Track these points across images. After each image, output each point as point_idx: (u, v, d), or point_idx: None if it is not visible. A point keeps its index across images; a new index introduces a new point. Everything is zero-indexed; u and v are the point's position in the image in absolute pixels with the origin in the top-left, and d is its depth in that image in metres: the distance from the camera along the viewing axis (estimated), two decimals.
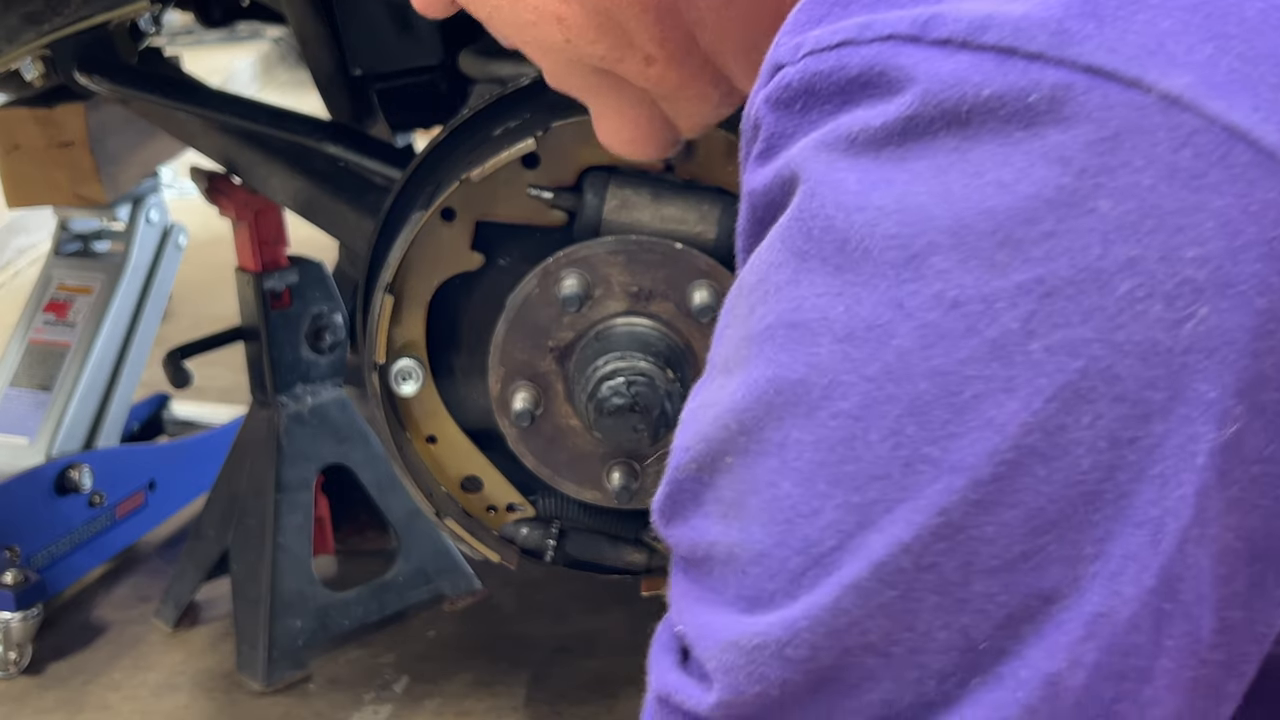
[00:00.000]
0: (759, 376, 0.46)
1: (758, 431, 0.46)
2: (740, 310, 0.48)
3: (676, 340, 1.23)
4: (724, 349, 0.49)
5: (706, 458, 0.48)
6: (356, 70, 1.70)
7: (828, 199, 0.44)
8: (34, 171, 2.08)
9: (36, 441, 2.17)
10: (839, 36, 0.45)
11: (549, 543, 1.35)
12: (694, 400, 0.51)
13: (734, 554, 0.47)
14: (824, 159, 0.44)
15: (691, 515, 0.49)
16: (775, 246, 0.46)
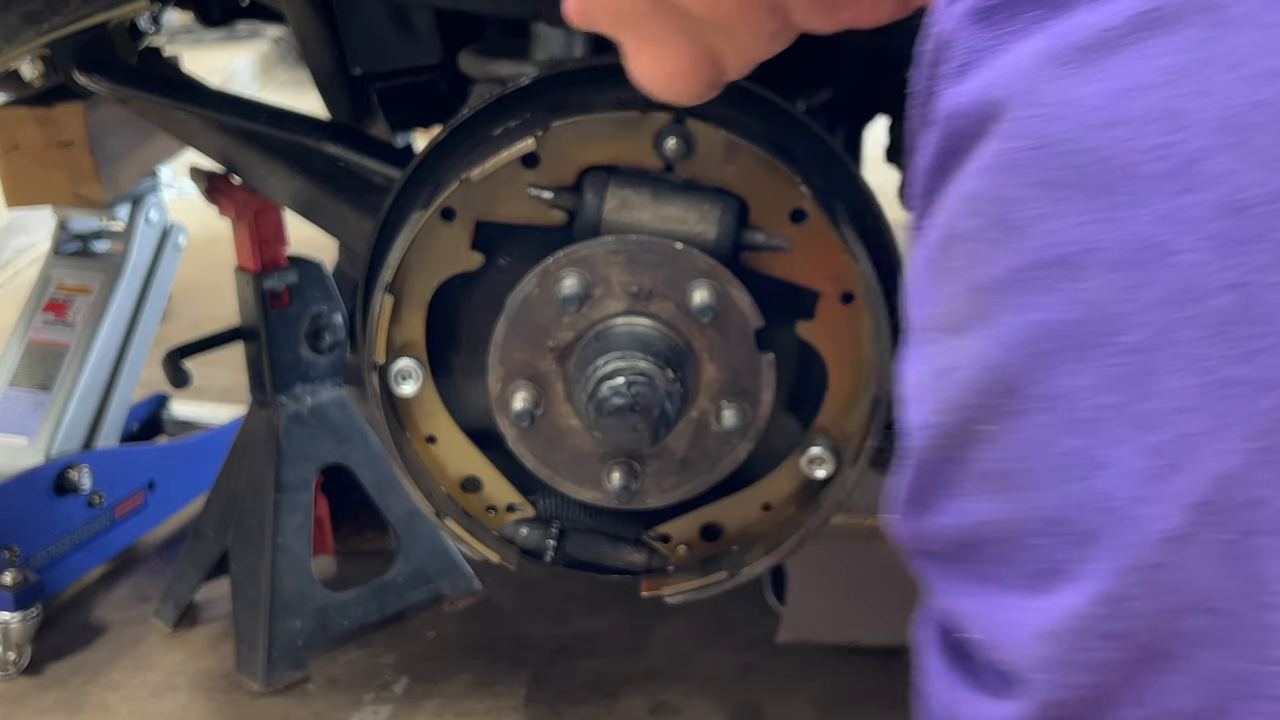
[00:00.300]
0: (1014, 326, 0.41)
1: (1024, 388, 0.41)
2: (959, 259, 0.43)
3: (676, 340, 1.22)
4: (941, 306, 0.44)
5: (956, 431, 0.43)
6: (356, 70, 1.70)
7: (1069, 119, 0.40)
8: (33, 171, 2.08)
9: (36, 441, 2.17)
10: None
11: (549, 543, 1.35)
12: (916, 372, 0.45)
13: (1012, 530, 0.42)
14: (1050, 74, 0.40)
15: (944, 500, 0.45)
16: (1003, 182, 0.41)
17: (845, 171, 1.29)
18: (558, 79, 1.27)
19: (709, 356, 1.24)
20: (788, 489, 1.33)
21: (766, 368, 1.24)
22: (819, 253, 1.24)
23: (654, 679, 1.94)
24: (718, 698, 1.90)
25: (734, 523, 1.35)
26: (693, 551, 1.36)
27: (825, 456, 1.28)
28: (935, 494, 0.45)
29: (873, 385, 1.26)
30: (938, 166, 0.45)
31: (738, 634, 2.03)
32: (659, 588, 1.35)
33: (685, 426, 1.26)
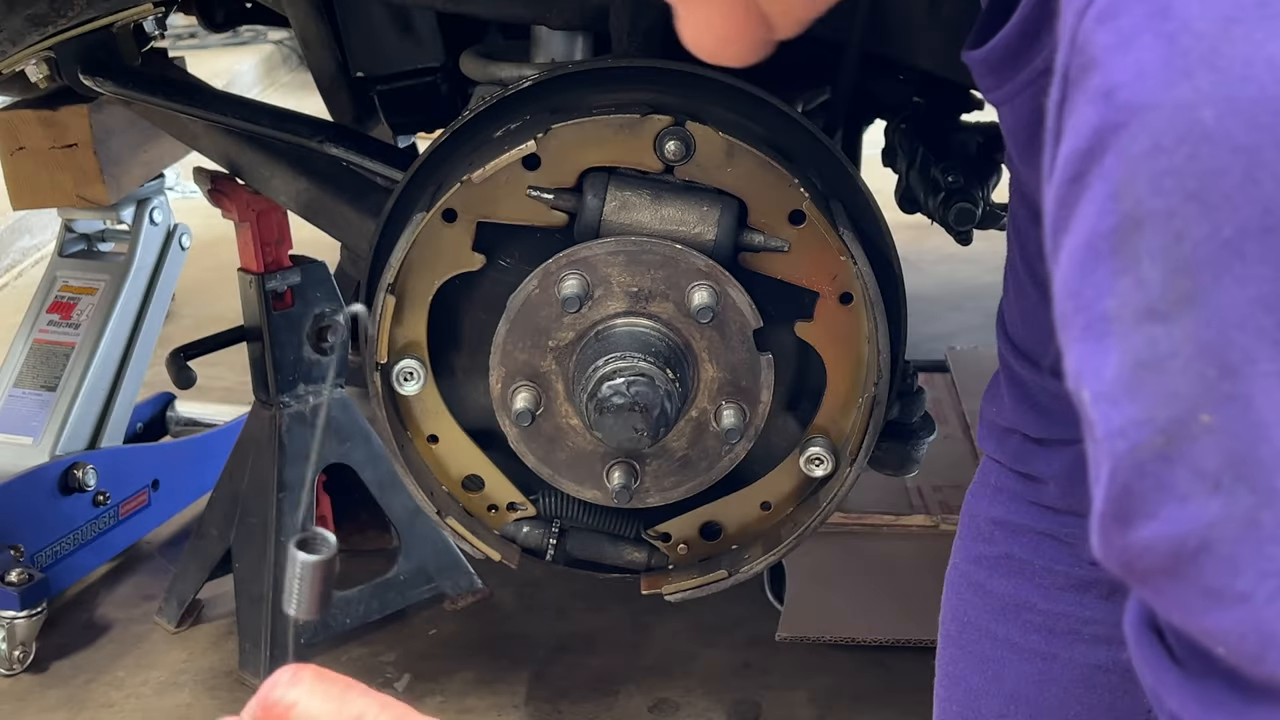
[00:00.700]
0: (1227, 304, 0.38)
1: (1247, 367, 0.38)
2: (1151, 242, 0.39)
3: (676, 340, 1.24)
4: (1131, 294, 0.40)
5: (1176, 424, 0.39)
6: (358, 72, 1.71)
7: (1263, 77, 0.37)
8: (38, 173, 2.09)
9: (41, 441, 2.18)
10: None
11: (549, 541, 1.36)
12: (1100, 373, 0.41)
13: (1254, 523, 0.38)
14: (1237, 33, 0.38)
15: (1161, 507, 0.40)
16: (1194, 153, 0.38)
17: (843, 173, 1.30)
18: (558, 81, 1.28)
19: (708, 357, 1.25)
20: (786, 488, 1.35)
21: (765, 368, 1.25)
22: (817, 253, 1.25)
23: (654, 676, 1.95)
24: (717, 695, 1.91)
25: (733, 521, 1.36)
26: (692, 550, 1.37)
27: (824, 455, 1.29)
28: (1149, 500, 0.41)
29: (870, 385, 1.27)
30: (1093, 147, 0.41)
31: (737, 632, 2.04)
32: (659, 586, 1.36)
33: (685, 426, 1.27)
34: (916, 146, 1.90)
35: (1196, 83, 0.38)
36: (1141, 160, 0.39)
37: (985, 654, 0.99)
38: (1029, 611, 0.97)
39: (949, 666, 1.02)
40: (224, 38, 5.91)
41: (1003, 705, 0.98)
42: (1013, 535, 0.99)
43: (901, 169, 2.04)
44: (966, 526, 1.04)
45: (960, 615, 1.02)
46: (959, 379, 2.69)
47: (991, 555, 1.01)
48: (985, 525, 1.01)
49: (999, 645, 0.98)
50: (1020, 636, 0.97)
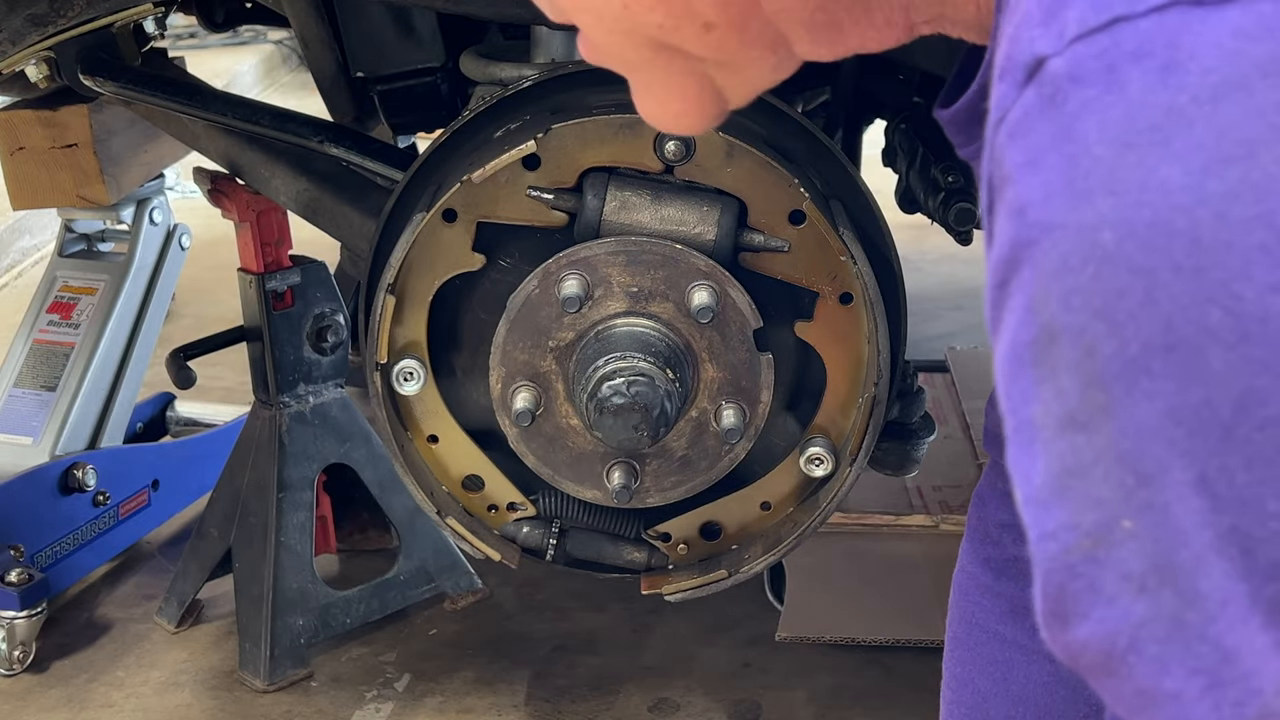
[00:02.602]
0: (1140, 416, 0.40)
1: (1162, 476, 0.39)
2: (1066, 356, 0.41)
3: (676, 341, 1.24)
4: (1053, 403, 0.42)
5: (1099, 529, 0.41)
6: (358, 72, 1.71)
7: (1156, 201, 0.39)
8: (38, 173, 2.09)
9: (41, 441, 2.18)
10: (1108, 13, 0.40)
11: (549, 541, 1.36)
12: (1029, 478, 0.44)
13: (1179, 623, 0.40)
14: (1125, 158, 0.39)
15: (1093, 608, 0.42)
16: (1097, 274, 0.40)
17: (843, 173, 1.30)
18: (558, 81, 1.29)
19: (708, 357, 1.25)
20: (786, 487, 1.35)
21: (765, 368, 1.25)
22: (817, 253, 1.25)
23: (654, 676, 1.95)
24: (717, 694, 1.91)
25: (733, 521, 1.36)
26: (692, 550, 1.37)
27: (824, 455, 1.29)
28: (1082, 600, 0.42)
29: (870, 384, 1.27)
30: (1012, 258, 0.43)
31: (737, 631, 2.04)
32: (659, 585, 1.36)
33: (685, 426, 1.27)
34: (916, 146, 1.90)
35: (1097, 205, 0.40)
36: (1052, 277, 0.41)
37: (993, 656, 0.99)
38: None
39: (956, 669, 1.02)
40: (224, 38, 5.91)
41: (1010, 707, 0.98)
42: (1022, 539, 0.99)
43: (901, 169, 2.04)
44: (974, 529, 1.04)
45: (968, 617, 1.02)
46: (959, 379, 2.69)
47: (1000, 558, 1.01)
48: (994, 529, 1.01)
49: (1007, 647, 0.98)
50: (1028, 639, 0.97)
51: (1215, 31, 0.39)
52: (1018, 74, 0.43)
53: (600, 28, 0.61)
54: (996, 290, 0.44)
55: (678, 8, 0.58)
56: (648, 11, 0.58)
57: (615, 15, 0.59)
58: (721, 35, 0.59)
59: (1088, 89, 0.41)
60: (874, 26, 0.60)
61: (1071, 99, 0.41)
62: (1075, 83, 0.41)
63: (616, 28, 0.60)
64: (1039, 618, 0.45)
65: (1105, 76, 0.40)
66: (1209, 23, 0.39)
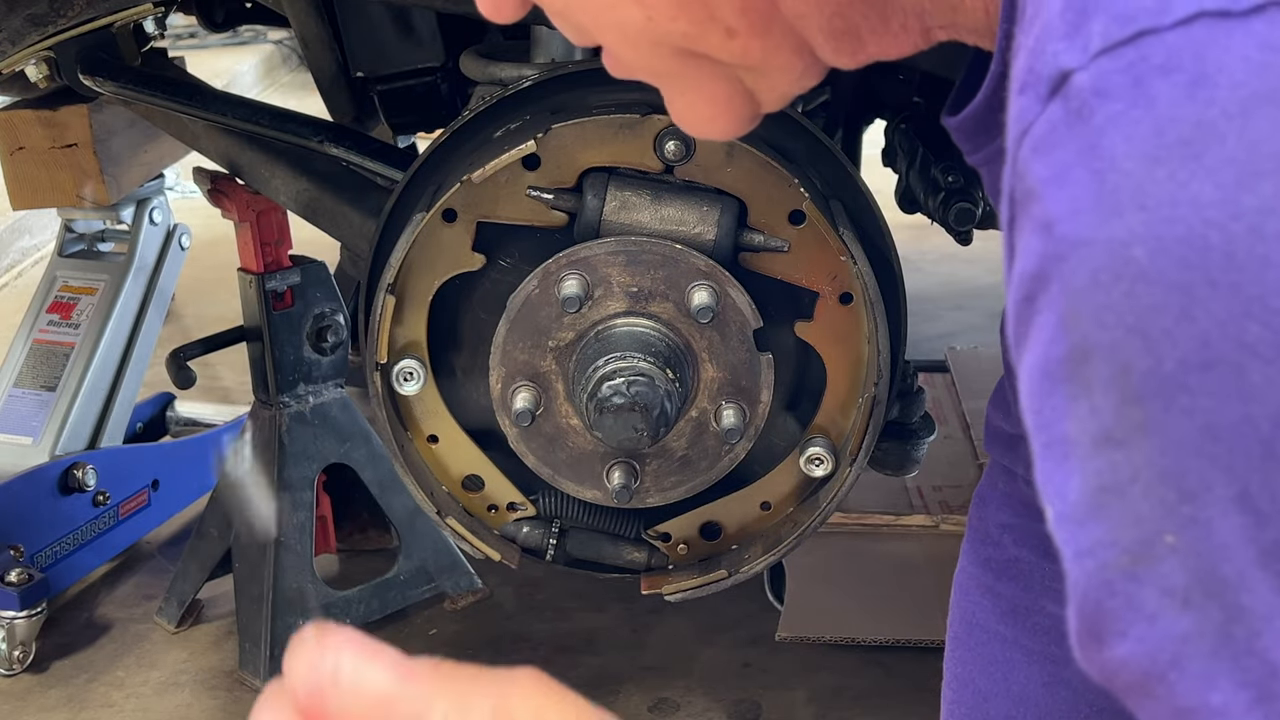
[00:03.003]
0: (1179, 434, 0.40)
1: (1205, 493, 0.39)
2: (1101, 372, 0.41)
3: (676, 341, 1.24)
4: (1087, 420, 0.42)
5: (1141, 546, 0.41)
6: (358, 72, 1.71)
7: (1189, 217, 0.39)
8: (38, 173, 2.09)
9: (40, 441, 2.18)
10: (1132, 25, 0.40)
11: (549, 541, 1.36)
12: (1064, 495, 0.43)
13: (1226, 636, 0.40)
14: (1161, 173, 0.39)
15: (1133, 625, 0.42)
16: (1132, 290, 0.40)
17: (843, 173, 1.30)
18: (558, 81, 1.29)
19: (708, 357, 1.25)
20: (786, 487, 1.35)
21: (765, 368, 1.25)
22: (817, 253, 1.25)
23: (654, 676, 1.95)
24: (717, 694, 1.91)
25: (733, 521, 1.36)
26: (692, 550, 1.37)
27: (824, 455, 1.29)
28: (1120, 618, 0.42)
29: (870, 384, 1.27)
30: (1040, 273, 0.43)
31: (737, 631, 2.04)
32: (659, 585, 1.36)
33: (685, 426, 1.27)
34: (916, 146, 1.90)
35: (1127, 221, 0.40)
36: (1083, 293, 0.41)
37: (994, 656, 0.99)
38: (1038, 615, 0.97)
39: (957, 669, 1.02)
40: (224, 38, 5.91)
41: (1011, 707, 0.98)
42: (1022, 540, 0.99)
43: (901, 169, 2.04)
44: (975, 530, 1.04)
45: (969, 617, 1.02)
46: (959, 379, 2.69)
47: (1000, 559, 1.01)
48: (994, 530, 1.01)
49: (1008, 647, 0.98)
50: (1029, 639, 0.97)
51: (1242, 44, 0.39)
52: (1041, 87, 0.43)
53: (626, 44, 0.61)
54: (1022, 304, 0.44)
55: (700, 15, 0.58)
56: (670, 21, 0.58)
57: (640, 29, 0.59)
58: (744, 41, 0.59)
59: (1114, 103, 0.41)
60: (890, 33, 0.60)
61: (1098, 113, 0.41)
62: (1101, 97, 0.41)
63: (642, 41, 0.60)
64: (1073, 637, 0.44)
65: (1132, 90, 0.40)
66: (1235, 35, 0.39)
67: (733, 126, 0.65)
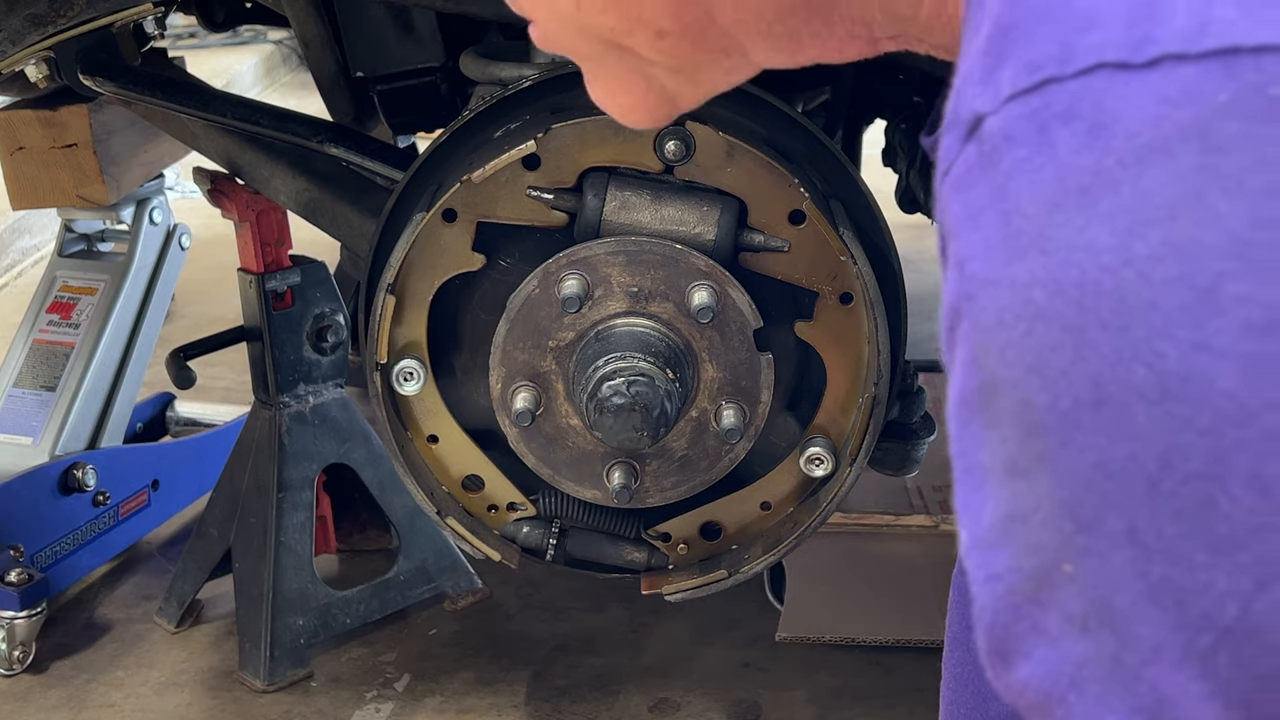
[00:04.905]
0: (1074, 467, 0.41)
1: (1097, 526, 0.41)
2: (1005, 406, 0.43)
3: (676, 340, 1.24)
4: (998, 449, 0.44)
5: (1039, 572, 0.43)
6: (358, 72, 1.71)
7: (1085, 262, 0.40)
8: (38, 173, 2.09)
9: (40, 441, 2.18)
10: (1039, 74, 0.42)
11: (549, 541, 1.36)
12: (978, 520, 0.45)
13: (1119, 662, 0.41)
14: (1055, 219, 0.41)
15: (1035, 647, 0.44)
16: (1031, 330, 0.42)
17: (843, 173, 1.30)
18: (558, 81, 1.29)
19: (708, 357, 1.25)
20: (787, 487, 1.35)
21: (765, 367, 1.25)
22: (817, 253, 1.25)
23: (654, 676, 1.95)
24: (717, 694, 1.91)
25: (733, 521, 1.36)
26: (692, 550, 1.37)
27: (824, 455, 1.29)
28: (1024, 639, 0.44)
29: (870, 384, 1.27)
30: (956, 308, 0.45)
31: (737, 631, 2.04)
32: (659, 586, 1.36)
33: (685, 426, 1.27)
34: (916, 146, 1.90)
35: (1029, 264, 0.42)
36: (990, 331, 0.43)
37: None
38: None
39: (956, 669, 1.02)
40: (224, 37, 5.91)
41: (1011, 708, 0.98)
42: None
43: (901, 169, 2.04)
44: None
45: (968, 617, 1.02)
46: None
47: None
48: None
49: None
50: None
51: (1139, 95, 0.40)
52: (960, 129, 0.45)
53: (553, 24, 0.61)
54: (947, 335, 0.47)
55: (630, 14, 0.58)
56: (599, 14, 0.58)
57: (569, 15, 0.59)
58: (674, 42, 0.59)
59: (1020, 149, 0.42)
60: (835, 39, 0.60)
61: (1006, 158, 0.43)
62: (1009, 141, 0.42)
63: (570, 26, 0.60)
64: (983, 658, 0.46)
65: (1036, 137, 0.42)
66: (1133, 86, 0.40)
67: (646, 119, 0.66)
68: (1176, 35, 0.40)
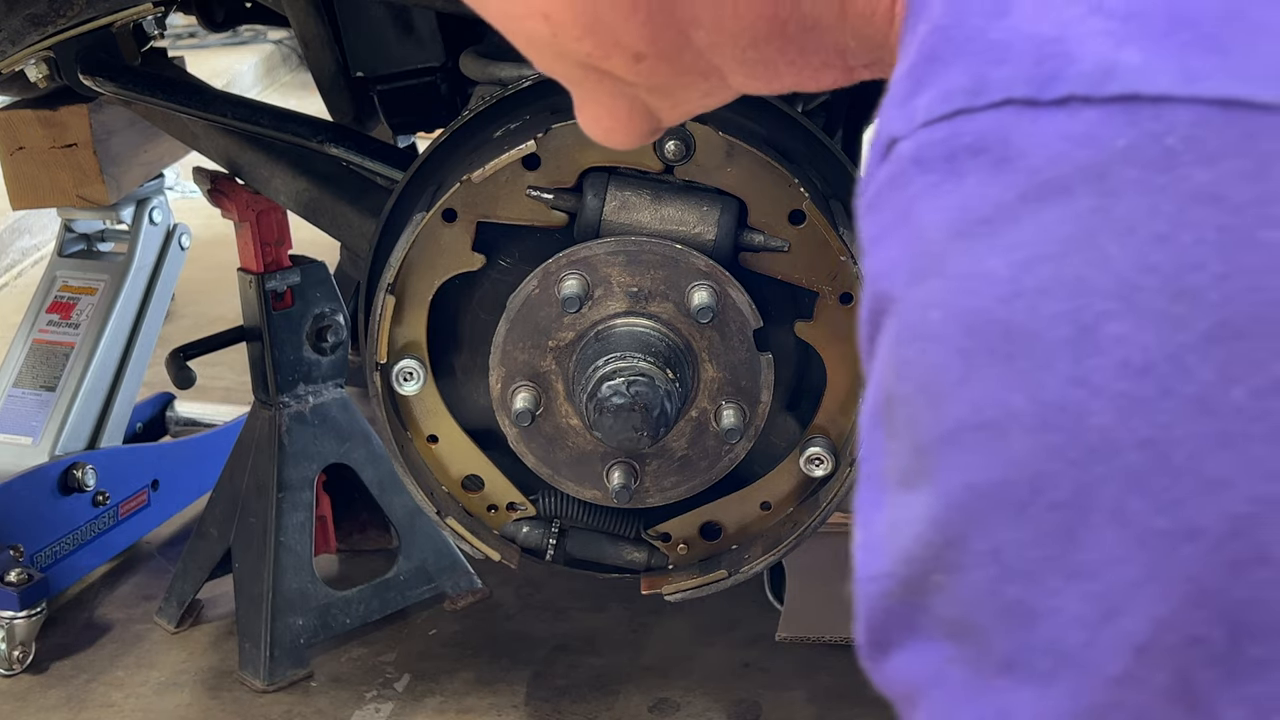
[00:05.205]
0: (951, 485, 0.43)
1: (963, 543, 0.43)
2: (900, 420, 0.45)
3: (676, 340, 1.24)
4: (892, 461, 0.47)
5: (912, 580, 0.45)
6: (358, 72, 1.71)
7: (978, 291, 0.42)
8: (38, 173, 2.09)
9: (40, 441, 2.18)
10: (952, 104, 0.44)
11: (549, 541, 1.36)
12: (870, 524, 0.48)
13: (978, 669, 0.44)
14: (957, 246, 0.43)
15: (909, 640, 0.46)
16: (925, 349, 0.44)
17: (843, 173, 1.30)
18: (558, 81, 1.28)
19: (708, 357, 1.25)
20: (787, 487, 1.35)
21: (765, 368, 1.25)
22: (817, 253, 1.25)
23: (654, 676, 1.95)
24: (717, 694, 1.91)
25: (733, 521, 1.36)
26: (692, 550, 1.37)
27: (824, 455, 1.29)
28: (900, 633, 0.47)
29: None
30: (868, 321, 0.47)
31: (737, 631, 2.04)
32: (659, 585, 1.36)
33: (685, 426, 1.27)
34: None
35: (929, 286, 0.44)
36: (892, 347, 0.45)
37: None
38: None
39: None
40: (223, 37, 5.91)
41: None
42: None
43: None
44: None
45: None
46: None
47: None
48: None
49: None
50: None
51: (1044, 132, 0.41)
52: (879, 149, 0.46)
53: (532, 49, 0.62)
54: (866, 345, 0.49)
55: (606, 39, 0.59)
56: (575, 41, 0.59)
57: (546, 41, 0.60)
58: (652, 64, 0.60)
59: (929, 175, 0.44)
60: (810, 68, 0.62)
61: (915, 182, 0.44)
62: (919, 166, 0.44)
63: (547, 53, 0.61)
64: (860, 649, 0.48)
65: (945, 165, 0.44)
66: (1039, 123, 0.41)
67: (629, 140, 0.68)
68: (1084, 77, 0.41)
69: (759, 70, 0.61)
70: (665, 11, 0.58)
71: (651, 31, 0.59)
